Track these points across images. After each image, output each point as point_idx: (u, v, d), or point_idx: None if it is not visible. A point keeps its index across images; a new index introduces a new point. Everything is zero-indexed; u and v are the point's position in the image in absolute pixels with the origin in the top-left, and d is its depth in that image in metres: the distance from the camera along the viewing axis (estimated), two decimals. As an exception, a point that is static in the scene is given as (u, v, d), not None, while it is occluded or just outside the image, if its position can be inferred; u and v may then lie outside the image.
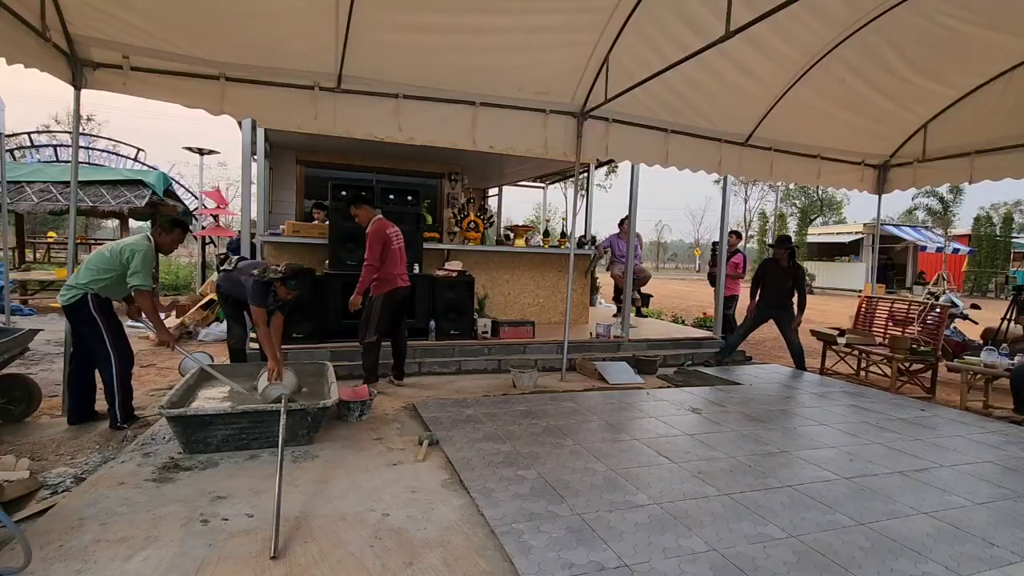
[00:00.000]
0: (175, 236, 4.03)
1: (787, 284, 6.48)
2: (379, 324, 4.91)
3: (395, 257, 4.99)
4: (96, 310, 3.75)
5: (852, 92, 5.64)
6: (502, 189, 13.40)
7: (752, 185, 42.68)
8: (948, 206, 31.88)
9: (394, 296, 4.98)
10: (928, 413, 4.90)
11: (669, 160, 5.86)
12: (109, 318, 3.82)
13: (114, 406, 3.82)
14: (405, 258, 5.19)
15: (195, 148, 11.41)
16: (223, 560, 2.25)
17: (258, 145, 6.44)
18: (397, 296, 5.02)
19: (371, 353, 4.96)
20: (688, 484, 3.15)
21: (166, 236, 3.98)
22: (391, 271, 4.94)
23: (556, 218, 24.44)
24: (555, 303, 7.87)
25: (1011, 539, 2.67)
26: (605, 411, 4.56)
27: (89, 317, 3.73)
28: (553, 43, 4.72)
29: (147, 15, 3.87)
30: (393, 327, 5.16)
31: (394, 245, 4.98)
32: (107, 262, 3.77)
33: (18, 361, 4.70)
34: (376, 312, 4.90)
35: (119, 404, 3.83)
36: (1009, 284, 14.39)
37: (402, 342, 5.27)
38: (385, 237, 4.91)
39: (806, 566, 2.36)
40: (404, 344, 5.29)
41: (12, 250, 11.48)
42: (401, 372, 5.32)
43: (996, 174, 5.83)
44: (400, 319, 5.20)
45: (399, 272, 5.02)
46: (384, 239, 4.90)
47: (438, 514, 2.71)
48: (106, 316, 3.80)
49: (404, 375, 5.34)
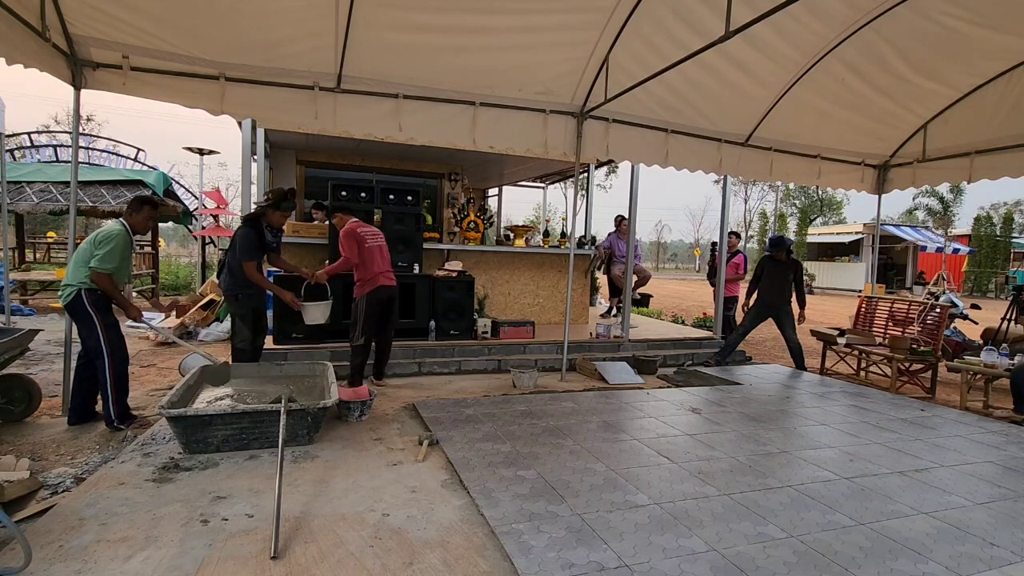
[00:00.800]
0: (145, 214, 4.04)
1: (788, 277, 6.49)
2: (366, 325, 4.83)
3: (373, 256, 4.86)
4: (91, 306, 3.75)
5: (852, 92, 5.64)
6: (502, 189, 13.41)
7: (752, 185, 42.69)
8: (948, 206, 31.87)
9: (378, 295, 4.86)
10: (928, 413, 4.90)
11: (669, 160, 5.86)
12: (104, 315, 3.82)
13: (108, 404, 3.82)
14: (387, 256, 5.06)
15: (195, 148, 11.42)
16: (223, 560, 2.25)
17: (258, 145, 6.45)
18: (382, 296, 4.89)
19: (359, 355, 4.83)
20: (688, 484, 3.15)
21: (136, 216, 4.01)
22: (371, 270, 4.85)
23: (556, 218, 24.44)
24: (555, 303, 7.87)
25: (1011, 539, 2.67)
26: (605, 411, 4.56)
27: (84, 312, 3.75)
28: (553, 43, 4.71)
29: (147, 15, 3.87)
30: (381, 328, 5.07)
31: (368, 243, 4.86)
32: (86, 253, 3.79)
33: (18, 361, 4.70)
34: (362, 313, 4.83)
35: (112, 402, 3.82)
36: (1009, 284, 14.39)
37: (386, 343, 5.20)
38: (357, 236, 4.81)
39: (806, 566, 2.36)
40: (388, 345, 5.22)
41: (12, 250, 11.49)
42: (381, 372, 5.27)
43: (995, 174, 5.83)
44: (388, 319, 5.10)
45: (380, 271, 4.89)
46: (357, 237, 4.80)
47: (438, 514, 2.71)
48: (101, 312, 3.80)
49: (384, 375, 5.29)
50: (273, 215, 4.41)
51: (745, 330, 6.73)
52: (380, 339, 5.16)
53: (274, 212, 4.41)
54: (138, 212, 4.03)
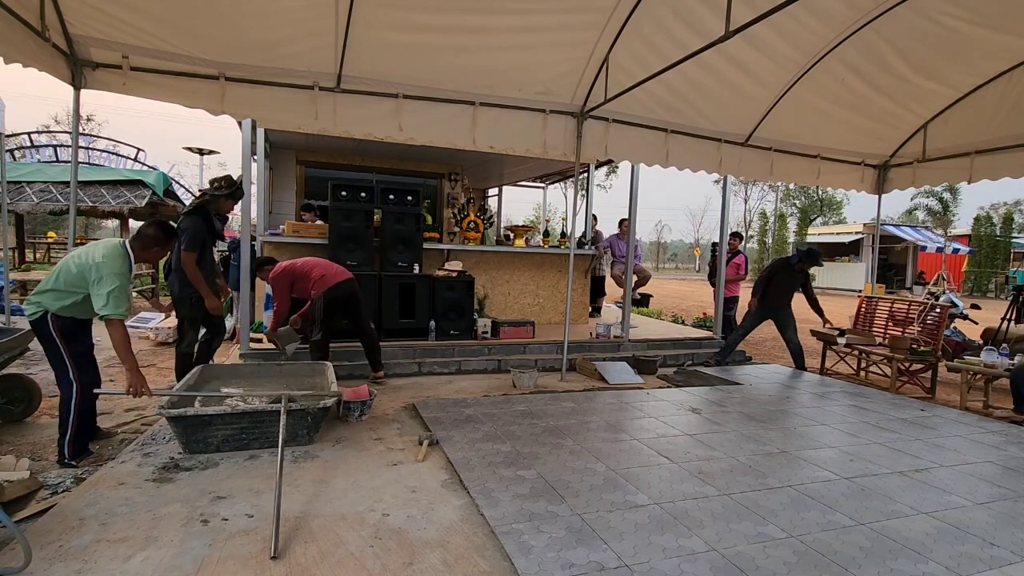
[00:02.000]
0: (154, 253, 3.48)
1: (797, 283, 6.54)
2: (323, 322, 4.87)
3: (310, 269, 4.90)
4: (57, 332, 3.17)
5: (852, 92, 5.64)
6: (502, 189, 13.41)
7: (752, 185, 42.67)
8: (948, 206, 31.87)
9: (335, 292, 4.87)
10: (928, 413, 4.90)
11: (669, 160, 5.86)
12: (72, 343, 3.22)
13: (65, 438, 3.22)
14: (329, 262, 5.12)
15: (195, 148, 11.43)
16: (223, 560, 2.25)
17: (258, 145, 6.44)
18: (339, 292, 4.90)
19: (316, 350, 4.89)
20: (688, 484, 3.15)
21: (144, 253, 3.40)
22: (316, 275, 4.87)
23: (556, 218, 24.44)
24: (555, 303, 7.87)
25: (1011, 539, 2.67)
26: (605, 411, 4.56)
27: (49, 336, 3.18)
28: (553, 43, 4.71)
29: (147, 15, 3.87)
30: (354, 323, 5.10)
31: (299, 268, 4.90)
32: (74, 281, 3.14)
33: (18, 361, 4.70)
34: (319, 311, 4.87)
35: (70, 438, 3.22)
36: (1009, 284, 14.39)
37: (366, 335, 5.20)
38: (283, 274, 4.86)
39: (806, 566, 2.36)
40: (369, 337, 5.20)
41: (12, 250, 11.49)
42: (377, 363, 5.27)
43: (995, 174, 5.83)
44: (356, 314, 5.09)
45: (327, 273, 4.91)
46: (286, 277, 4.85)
47: (438, 514, 2.70)
48: (68, 341, 3.20)
49: (381, 366, 5.30)
50: (225, 203, 4.46)
51: (746, 330, 6.74)
52: (360, 335, 5.19)
53: (226, 201, 4.45)
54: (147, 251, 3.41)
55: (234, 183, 4.48)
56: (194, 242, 4.19)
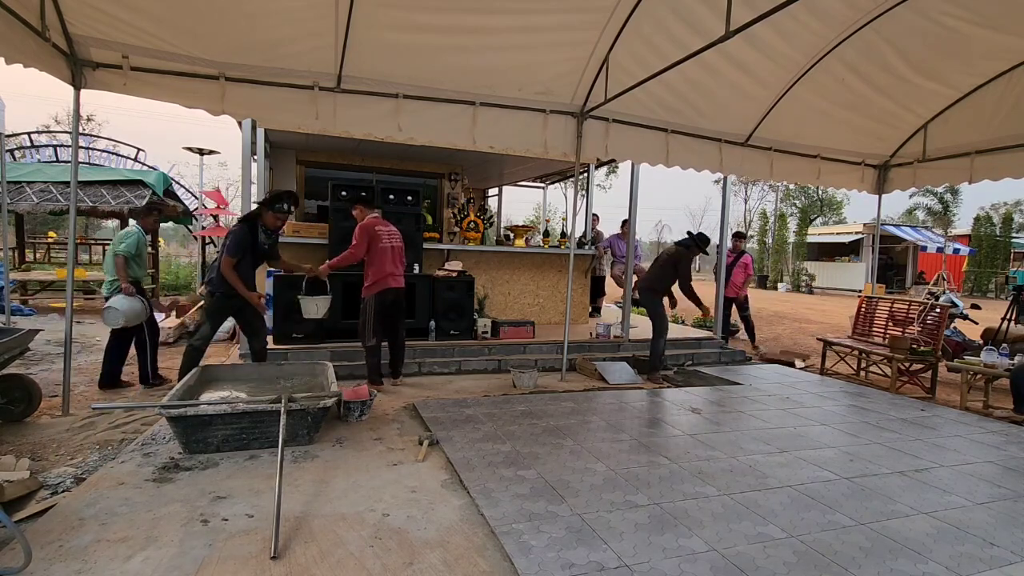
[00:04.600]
0: (154, 216, 5.46)
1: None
2: (374, 326, 4.88)
3: (385, 256, 4.89)
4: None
5: (852, 92, 5.64)
6: (502, 189, 13.39)
7: (752, 185, 42.60)
8: (948, 206, 31.84)
9: (384, 297, 4.91)
10: (928, 413, 4.90)
11: (670, 160, 5.86)
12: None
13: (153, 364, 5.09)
14: (402, 260, 5.10)
15: (195, 148, 11.40)
16: (223, 560, 2.25)
17: (258, 145, 6.44)
18: (388, 297, 4.94)
19: (372, 355, 4.95)
20: (688, 484, 3.15)
21: (146, 219, 5.18)
22: (382, 271, 4.87)
23: (556, 218, 24.42)
24: (555, 303, 7.86)
25: (1011, 539, 2.67)
26: (605, 411, 4.56)
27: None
28: (553, 43, 4.71)
29: (147, 15, 3.87)
30: (390, 329, 5.12)
31: (384, 243, 4.90)
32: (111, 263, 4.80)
33: (18, 361, 4.70)
34: (370, 314, 4.87)
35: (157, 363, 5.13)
36: (1009, 284, 14.39)
37: (399, 344, 5.25)
38: (372, 233, 4.85)
39: (806, 566, 2.36)
40: (401, 345, 5.27)
41: (12, 250, 11.48)
42: (398, 372, 5.32)
43: (995, 174, 5.83)
44: (396, 320, 5.14)
45: (390, 272, 4.92)
46: (371, 234, 4.85)
47: (438, 514, 2.71)
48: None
49: (401, 374, 5.35)
50: (267, 215, 4.39)
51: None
52: (392, 340, 5.20)
53: (267, 212, 4.39)
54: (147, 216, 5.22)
55: (276, 196, 4.37)
56: (235, 248, 4.20)
